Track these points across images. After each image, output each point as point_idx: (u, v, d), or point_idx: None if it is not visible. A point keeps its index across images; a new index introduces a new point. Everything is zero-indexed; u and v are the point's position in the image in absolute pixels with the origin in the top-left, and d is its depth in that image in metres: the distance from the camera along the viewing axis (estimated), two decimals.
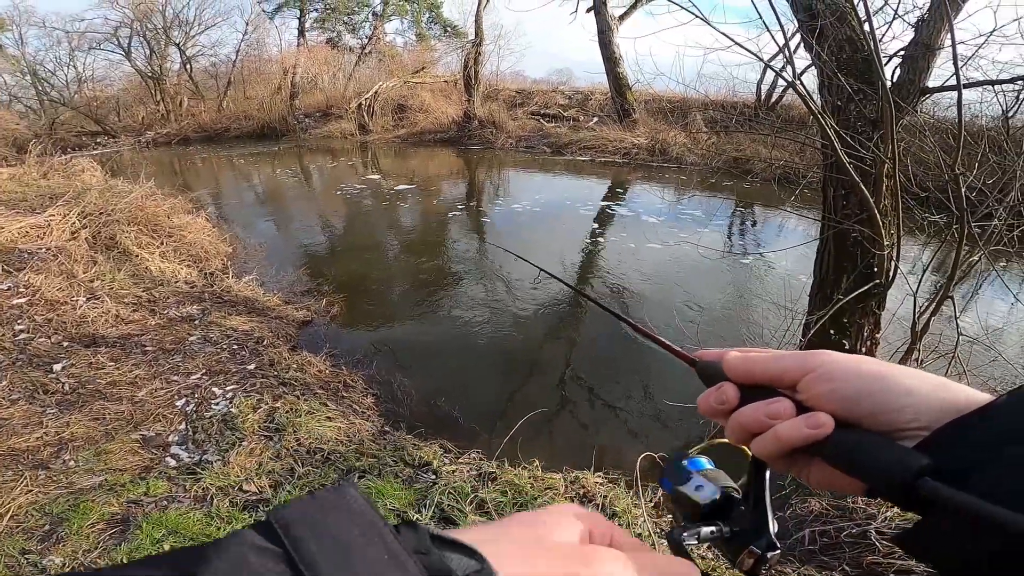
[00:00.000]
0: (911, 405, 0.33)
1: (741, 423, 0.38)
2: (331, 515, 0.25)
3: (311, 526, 0.24)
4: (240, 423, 2.81)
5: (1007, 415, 0.31)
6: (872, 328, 3.23)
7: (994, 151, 3.61)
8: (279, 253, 6.28)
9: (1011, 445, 0.29)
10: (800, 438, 0.35)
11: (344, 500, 0.26)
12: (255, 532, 0.24)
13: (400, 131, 14.85)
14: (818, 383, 0.36)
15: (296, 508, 0.25)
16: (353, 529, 0.25)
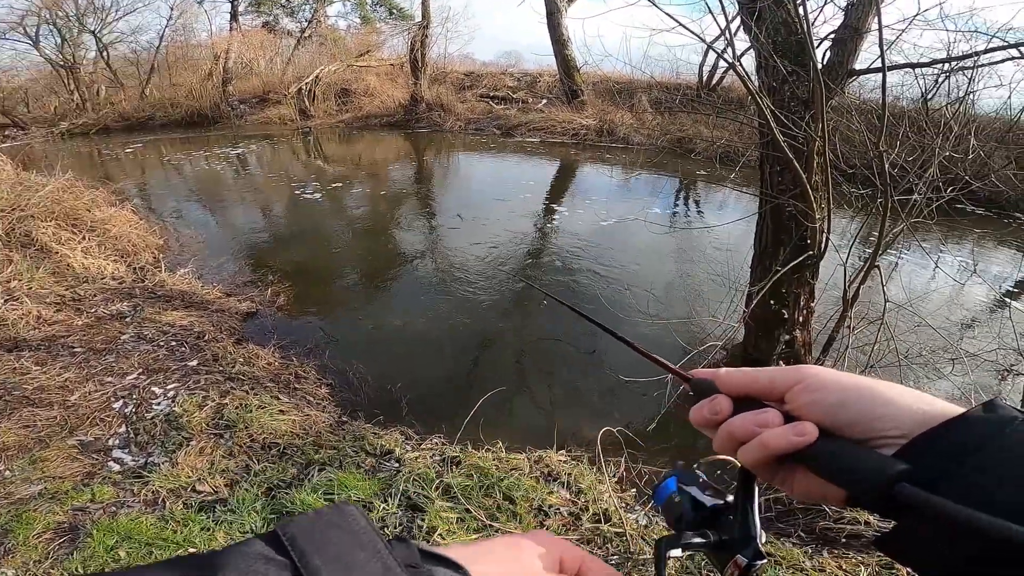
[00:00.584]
0: (890, 415, 0.35)
1: (731, 432, 0.40)
2: (333, 531, 0.28)
3: (315, 540, 0.27)
4: (185, 422, 2.69)
5: (976, 426, 0.32)
6: (807, 298, 3.44)
7: (914, 131, 3.89)
8: (217, 244, 5.95)
9: (977, 454, 0.30)
10: (786, 445, 0.36)
11: (344, 518, 0.29)
12: (262, 542, 0.27)
13: (344, 115, 14.32)
14: (804, 393, 0.38)
15: (301, 523, 0.28)
16: (353, 544, 0.28)
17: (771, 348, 3.52)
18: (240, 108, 15.05)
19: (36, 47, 14.96)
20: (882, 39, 2.51)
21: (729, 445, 0.40)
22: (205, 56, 16.44)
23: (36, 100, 15.40)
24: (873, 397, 0.36)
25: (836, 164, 3.49)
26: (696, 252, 5.85)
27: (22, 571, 1.90)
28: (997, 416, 0.32)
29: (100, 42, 15.61)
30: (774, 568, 1.94)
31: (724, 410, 0.40)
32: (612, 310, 4.51)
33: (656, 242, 5.92)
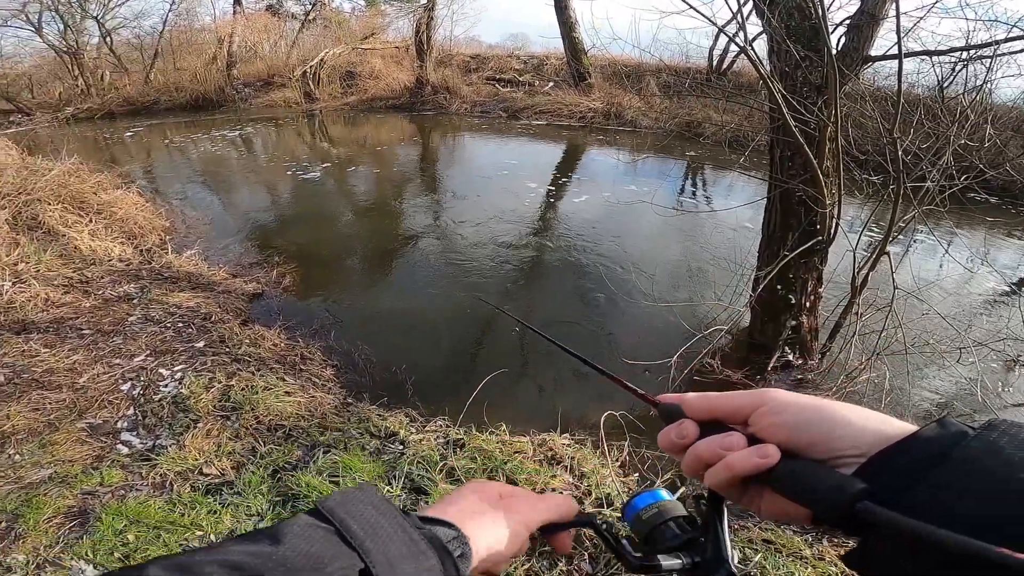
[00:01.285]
0: (848, 435, 0.36)
1: (698, 455, 0.41)
2: (360, 505, 0.37)
3: (349, 512, 0.36)
4: (193, 404, 2.71)
5: (931, 443, 0.33)
6: (815, 283, 3.41)
7: (929, 118, 3.82)
8: (223, 226, 5.95)
9: (934, 470, 0.32)
10: (750, 467, 0.38)
11: (367, 495, 0.38)
12: (308, 515, 0.36)
13: (349, 98, 14.21)
14: (767, 416, 0.39)
15: (335, 500, 0.37)
16: (377, 513, 0.37)
17: (777, 333, 3.50)
18: (245, 92, 14.96)
19: (39, 34, 14.89)
20: (899, 26, 2.48)
21: (696, 468, 0.42)
22: (209, 40, 16.30)
23: (40, 86, 15.33)
24: (832, 418, 0.37)
25: (848, 150, 3.44)
26: (702, 236, 5.80)
27: (33, 556, 1.91)
28: (950, 432, 0.33)
29: (103, 28, 15.51)
30: (774, 556, 1.95)
31: (690, 434, 0.42)
32: (616, 291, 4.50)
33: (662, 225, 5.88)
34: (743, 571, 1.88)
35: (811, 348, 3.57)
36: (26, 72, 15.43)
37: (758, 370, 3.44)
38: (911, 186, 3.08)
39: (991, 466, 0.30)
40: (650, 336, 3.84)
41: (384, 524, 0.36)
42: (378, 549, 0.34)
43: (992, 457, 0.30)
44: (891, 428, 0.36)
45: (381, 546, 0.34)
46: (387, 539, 0.35)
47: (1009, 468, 0.30)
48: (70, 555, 1.92)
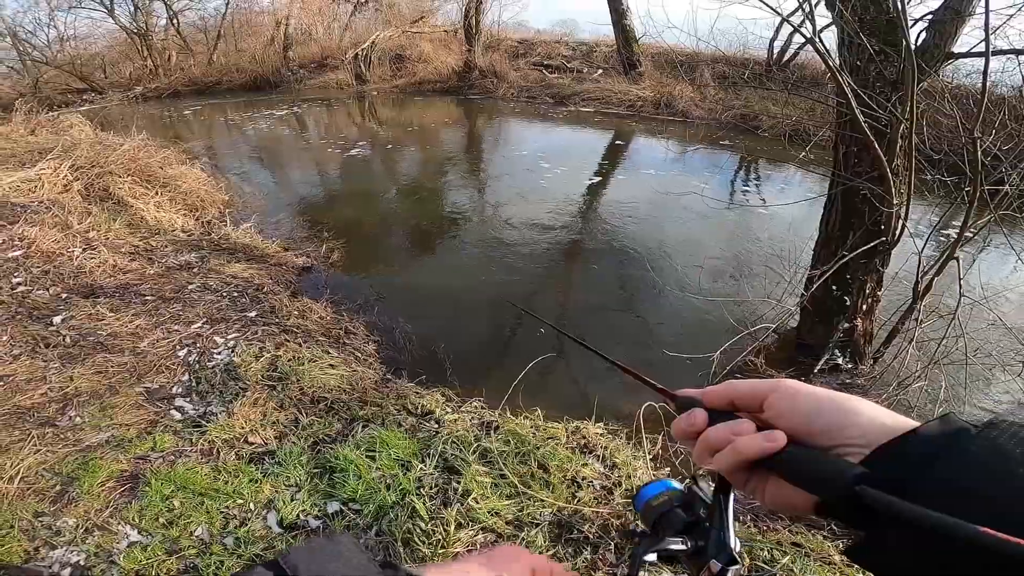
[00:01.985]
0: (857, 424, 0.37)
1: (708, 440, 0.42)
2: (331, 562, 0.31)
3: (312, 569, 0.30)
4: (243, 372, 2.82)
5: (934, 437, 0.34)
6: (874, 286, 3.24)
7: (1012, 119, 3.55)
8: (276, 201, 6.20)
9: (936, 463, 0.32)
10: (757, 450, 0.39)
11: (338, 548, 0.33)
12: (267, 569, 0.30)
13: (399, 81, 14.38)
14: (782, 400, 0.40)
15: (301, 554, 0.31)
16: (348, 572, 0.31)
17: (827, 335, 3.36)
18: (300, 73, 15.38)
19: (111, 15, 15.75)
20: (988, 23, 2.34)
21: (706, 454, 0.42)
22: (267, 23, 16.83)
23: (112, 66, 16.19)
24: (843, 407, 0.38)
25: (921, 149, 3.24)
26: (753, 231, 5.60)
27: (83, 520, 1.96)
28: (952, 429, 0.34)
29: (170, 9, 16.23)
30: (803, 559, 1.89)
31: (699, 422, 0.43)
32: (660, 281, 4.42)
33: (711, 218, 5.71)
34: (770, 572, 1.83)
35: (863, 352, 3.41)
36: (99, 52, 16.37)
37: (803, 372, 3.31)
38: (988, 189, 2.88)
39: (990, 462, 0.31)
40: (693, 329, 3.77)
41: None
42: None
43: (992, 454, 0.31)
44: (898, 423, 0.36)
45: None
46: None
47: (1008, 465, 0.30)
48: (117, 519, 1.97)
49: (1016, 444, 0.31)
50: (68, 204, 4.57)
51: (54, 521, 1.96)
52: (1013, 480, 0.29)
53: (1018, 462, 0.30)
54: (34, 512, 1.99)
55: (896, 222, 2.98)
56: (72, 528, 1.93)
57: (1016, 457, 0.30)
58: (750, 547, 1.93)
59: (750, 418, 0.42)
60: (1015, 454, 0.30)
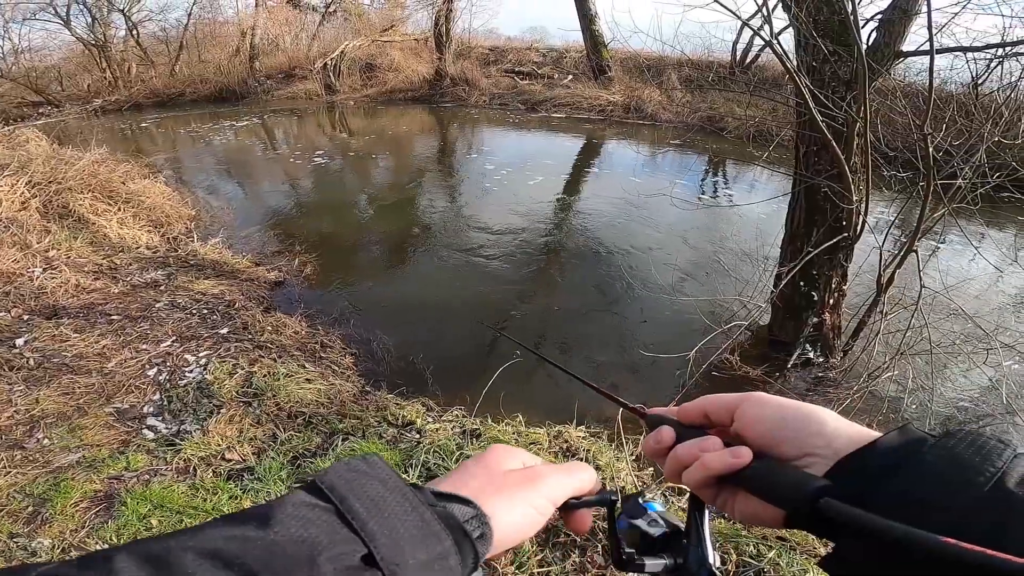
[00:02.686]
0: (822, 434, 0.38)
1: (677, 457, 0.43)
2: (364, 479, 0.32)
3: (351, 487, 0.31)
4: (216, 390, 2.76)
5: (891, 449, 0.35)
6: (840, 280, 3.35)
7: (962, 115, 3.72)
8: (246, 215, 6.06)
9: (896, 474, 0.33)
10: (723, 466, 0.39)
11: (373, 467, 0.34)
12: (305, 492, 0.31)
13: (369, 90, 14.29)
14: (749, 412, 0.41)
15: (336, 473, 0.32)
16: (383, 489, 0.32)
17: (798, 330, 3.45)
18: (267, 84, 15.14)
19: (67, 26, 15.24)
20: (931, 21, 2.44)
21: (676, 470, 0.43)
22: (232, 33, 16.54)
23: (69, 78, 15.68)
24: (808, 416, 0.39)
25: (876, 146, 3.37)
26: (723, 231, 5.73)
27: (58, 541, 1.93)
28: (910, 439, 0.35)
29: (129, 21, 15.82)
30: (789, 554, 1.93)
31: (667, 439, 0.44)
32: (635, 283, 4.48)
33: (682, 219, 5.82)
34: (757, 567, 1.86)
35: (833, 346, 3.51)
36: (55, 65, 15.81)
37: (777, 367, 3.40)
38: (941, 183, 3.02)
39: (947, 472, 0.31)
40: (669, 329, 3.83)
41: (392, 501, 0.31)
42: (383, 531, 0.30)
43: (949, 464, 0.32)
44: (861, 434, 0.37)
45: (387, 527, 0.30)
46: (394, 519, 0.31)
47: (965, 474, 0.31)
48: (95, 539, 1.94)
49: (973, 452, 0.32)
50: (26, 222, 4.40)
51: (29, 542, 1.93)
52: (969, 489, 0.30)
53: (975, 471, 0.31)
54: (8, 533, 1.96)
55: (856, 218, 3.09)
56: (48, 548, 1.90)
57: (973, 466, 0.31)
58: (736, 543, 1.95)
59: (718, 433, 0.43)
60: (972, 462, 0.31)
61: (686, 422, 0.45)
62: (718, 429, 0.44)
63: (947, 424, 3.11)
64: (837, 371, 3.42)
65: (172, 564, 0.25)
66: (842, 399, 3.01)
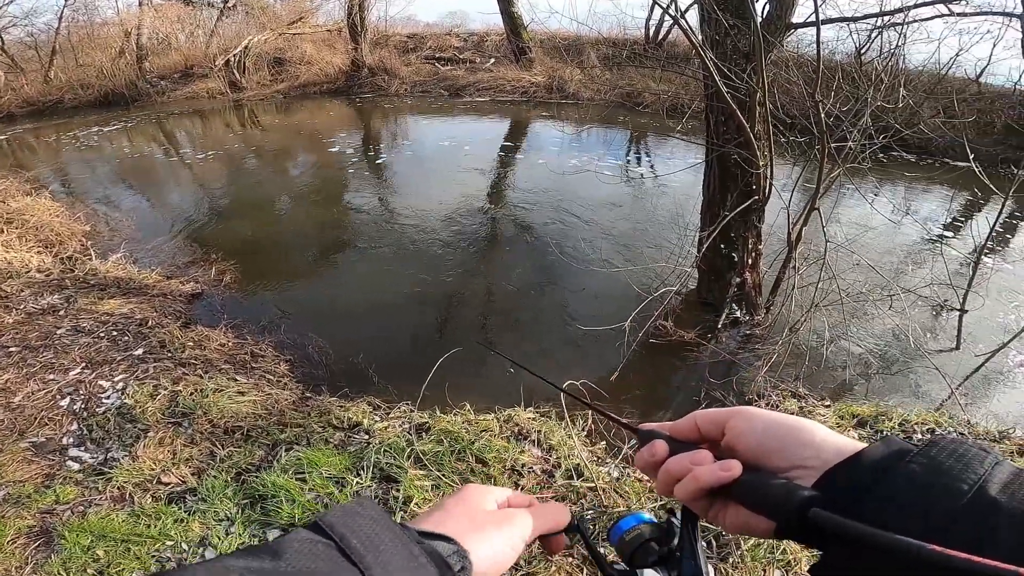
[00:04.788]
0: (811, 444, 0.39)
1: (669, 470, 0.44)
2: (359, 518, 0.36)
3: (347, 526, 0.35)
4: (139, 414, 2.58)
5: (875, 460, 0.36)
6: (755, 240, 3.58)
7: (848, 82, 4.04)
8: (151, 225, 5.57)
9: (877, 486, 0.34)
10: (713, 479, 0.40)
11: (365, 508, 0.37)
12: (307, 530, 0.35)
13: (280, 85, 13.48)
14: (740, 422, 0.43)
15: (334, 515, 0.36)
16: (375, 527, 0.36)
17: (723, 291, 3.66)
18: (161, 84, 13.88)
19: None
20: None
21: (668, 484, 0.44)
22: (114, 34, 15.02)
23: None
24: (797, 429, 0.40)
25: (776, 114, 3.60)
26: (648, 201, 5.96)
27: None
28: (892, 450, 0.36)
29: None
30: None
31: (660, 452, 0.45)
32: (568, 259, 4.58)
33: (609, 193, 5.99)
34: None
35: (756, 304, 3.76)
36: None
37: (709, 328, 3.59)
38: (835, 146, 3.28)
39: (929, 481, 0.32)
40: (605, 302, 3.93)
41: (384, 538, 0.35)
42: (378, 563, 0.33)
43: (931, 473, 0.33)
44: (849, 445, 0.38)
45: (381, 560, 0.34)
46: (387, 553, 0.34)
47: (944, 480, 0.32)
48: (42, 574, 1.86)
49: (955, 461, 0.33)
50: None
51: None
52: (952, 496, 0.31)
53: (957, 478, 0.32)
54: None
55: (764, 182, 3.31)
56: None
57: (955, 474, 0.32)
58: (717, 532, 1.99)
59: (709, 448, 0.44)
60: (955, 471, 0.32)
61: (678, 437, 0.46)
62: (709, 443, 0.45)
63: (864, 370, 3.40)
64: (763, 328, 3.67)
65: None
66: (769, 354, 3.22)
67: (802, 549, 1.84)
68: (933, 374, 3.25)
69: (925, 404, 3.09)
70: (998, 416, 2.99)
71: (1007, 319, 3.89)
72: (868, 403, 2.92)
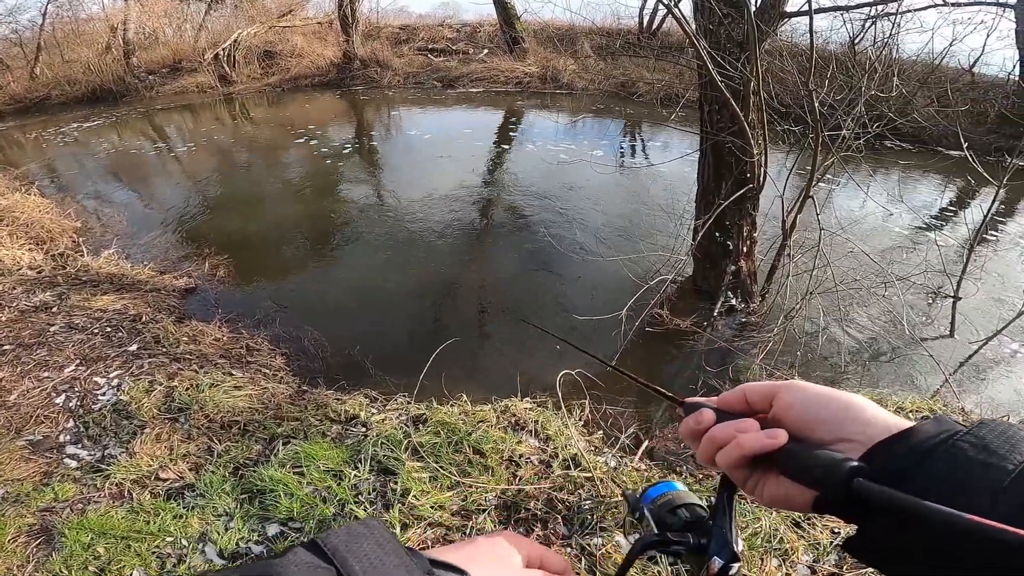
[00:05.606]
0: (860, 419, 0.39)
1: (712, 438, 0.44)
2: (364, 543, 0.34)
3: (352, 551, 0.33)
4: (135, 410, 2.57)
5: (927, 436, 0.36)
6: (750, 228, 3.59)
7: (842, 71, 4.04)
8: (143, 221, 5.52)
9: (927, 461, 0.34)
10: (758, 446, 0.40)
11: (371, 530, 0.35)
12: (306, 551, 0.33)
13: (271, 79, 13.34)
14: (789, 394, 0.42)
15: (338, 536, 0.34)
16: (380, 552, 0.34)
17: (719, 279, 3.67)
18: (149, 79, 13.71)
19: None
20: None
21: (710, 451, 0.44)
22: (100, 30, 14.80)
23: None
24: (847, 402, 0.40)
25: (770, 103, 3.60)
26: (643, 191, 5.95)
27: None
28: (944, 428, 0.36)
29: None
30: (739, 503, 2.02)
31: (707, 420, 0.45)
32: (564, 249, 4.57)
33: (604, 182, 5.97)
34: None
35: (751, 291, 3.78)
36: None
37: (705, 316, 3.61)
38: (828, 135, 3.28)
39: (976, 458, 0.33)
40: (601, 291, 3.94)
41: (388, 564, 0.34)
42: None
43: (979, 451, 0.33)
44: (898, 422, 0.38)
45: None
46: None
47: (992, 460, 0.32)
48: (43, 572, 1.86)
49: (1003, 442, 0.33)
50: None
51: None
52: (997, 474, 0.32)
53: (1003, 457, 0.32)
54: None
55: (758, 170, 3.32)
56: None
57: (1002, 453, 0.32)
58: None
59: (756, 419, 0.43)
60: (1002, 450, 0.33)
61: (725, 409, 0.46)
62: (756, 415, 0.45)
63: (858, 358, 3.42)
64: (758, 315, 3.68)
65: None
66: (765, 342, 3.24)
67: (799, 539, 1.86)
68: (927, 361, 3.27)
69: (920, 391, 3.10)
70: (992, 403, 3.02)
71: (1001, 307, 3.91)
72: (863, 390, 2.92)
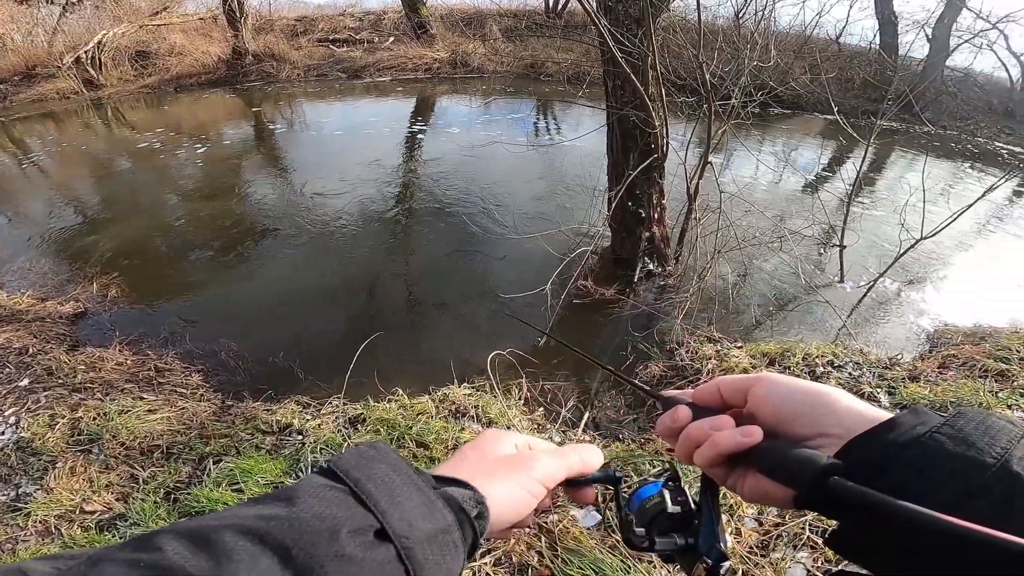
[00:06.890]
0: (835, 413, 0.39)
1: (689, 436, 0.44)
2: (374, 464, 0.36)
3: (363, 471, 0.35)
4: (40, 446, 2.35)
5: (904, 429, 0.36)
6: (659, 196, 3.81)
7: (728, 44, 4.33)
8: (13, 244, 4.82)
9: (905, 453, 0.34)
10: (733, 445, 0.40)
11: (380, 453, 0.37)
12: (320, 475, 0.35)
13: (148, 79, 12.09)
14: (763, 388, 0.43)
15: (349, 459, 0.36)
16: (391, 473, 0.35)
17: (635, 246, 3.86)
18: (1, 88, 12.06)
19: None
20: None
21: (688, 450, 0.44)
22: None
23: None
24: (821, 398, 0.40)
25: (668, 76, 3.80)
26: (558, 167, 6.08)
27: None
28: (921, 420, 0.36)
29: None
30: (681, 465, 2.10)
31: (682, 418, 0.45)
32: (486, 231, 4.60)
33: (519, 162, 6.01)
34: None
35: (666, 255, 4.01)
36: None
37: (627, 283, 3.78)
38: (720, 104, 3.52)
39: (956, 451, 0.33)
40: (525, 268, 3.99)
41: (399, 483, 0.35)
42: (394, 509, 0.33)
43: (957, 443, 0.33)
44: (874, 413, 0.38)
45: (397, 506, 0.33)
46: (403, 498, 0.34)
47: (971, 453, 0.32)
48: None
49: (982, 433, 0.33)
50: None
51: None
52: (977, 468, 0.31)
53: (982, 451, 0.32)
54: None
55: (661, 140, 3.51)
56: None
57: (981, 446, 0.32)
58: (634, 464, 2.08)
59: (732, 414, 0.43)
60: (981, 443, 0.33)
61: (701, 404, 0.46)
62: (733, 410, 0.44)
63: (767, 310, 3.71)
64: (675, 277, 3.92)
65: (212, 541, 0.28)
66: (683, 302, 3.45)
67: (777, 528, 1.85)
68: (825, 307, 3.61)
69: (822, 336, 3.38)
70: (887, 342, 3.35)
71: (881, 251, 4.36)
72: (774, 341, 3.18)
